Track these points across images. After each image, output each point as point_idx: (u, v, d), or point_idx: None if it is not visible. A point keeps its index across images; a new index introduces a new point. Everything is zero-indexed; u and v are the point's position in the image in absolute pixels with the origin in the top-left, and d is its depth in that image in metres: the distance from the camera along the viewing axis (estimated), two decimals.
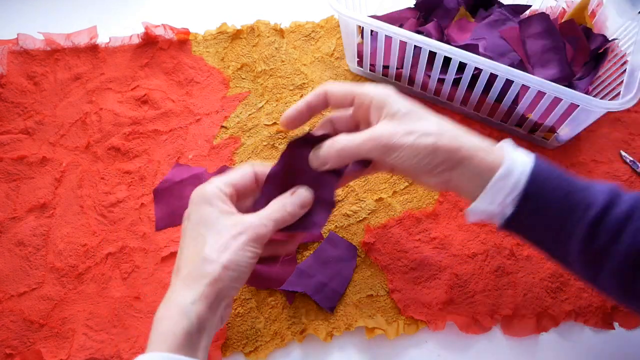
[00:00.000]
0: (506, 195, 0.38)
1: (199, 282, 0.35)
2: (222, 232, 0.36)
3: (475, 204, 0.39)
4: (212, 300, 0.35)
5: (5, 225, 0.51)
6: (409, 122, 0.38)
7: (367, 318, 0.46)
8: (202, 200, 0.38)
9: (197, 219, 0.37)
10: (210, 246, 0.36)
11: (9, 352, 0.45)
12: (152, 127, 0.57)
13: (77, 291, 0.48)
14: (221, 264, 0.35)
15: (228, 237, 0.36)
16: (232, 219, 0.37)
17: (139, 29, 0.63)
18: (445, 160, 0.38)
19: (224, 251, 0.35)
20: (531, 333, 0.46)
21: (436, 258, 0.49)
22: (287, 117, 0.42)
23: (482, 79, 0.51)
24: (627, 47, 0.55)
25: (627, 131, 0.57)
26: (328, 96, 0.41)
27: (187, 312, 0.34)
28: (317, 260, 0.49)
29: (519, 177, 0.37)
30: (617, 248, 0.36)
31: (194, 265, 0.35)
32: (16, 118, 0.57)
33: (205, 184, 0.39)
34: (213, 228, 0.37)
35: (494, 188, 0.38)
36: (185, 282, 0.35)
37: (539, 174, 0.38)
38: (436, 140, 0.37)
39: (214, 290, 0.35)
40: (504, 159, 0.38)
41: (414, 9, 0.64)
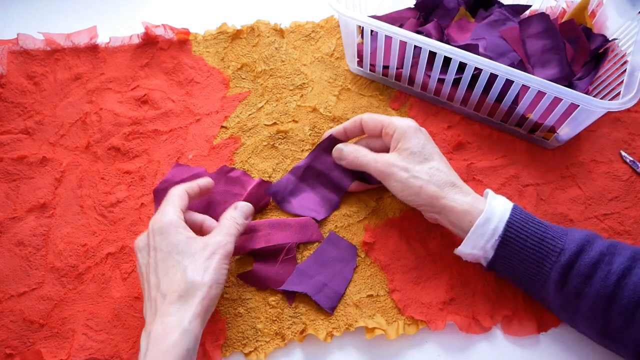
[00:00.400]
0: (486, 241, 0.43)
1: (190, 303, 0.39)
2: (196, 255, 0.41)
3: (460, 248, 0.44)
4: (203, 317, 0.39)
5: (5, 225, 0.51)
6: (410, 162, 0.45)
7: (367, 318, 0.46)
8: (167, 229, 0.41)
9: (167, 248, 0.41)
10: (191, 270, 0.40)
11: (9, 352, 0.45)
12: (152, 127, 0.57)
13: (77, 291, 0.48)
14: (206, 284, 0.39)
15: (203, 260, 0.40)
16: (200, 242, 0.42)
17: (139, 29, 0.63)
18: (428, 204, 0.45)
19: (205, 272, 0.40)
20: (531, 333, 0.46)
21: (436, 258, 0.49)
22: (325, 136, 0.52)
23: (482, 79, 0.51)
24: (627, 47, 0.55)
25: (627, 131, 0.57)
26: (362, 124, 0.50)
27: (186, 331, 0.37)
28: (317, 260, 0.49)
29: (497, 225, 0.43)
30: (587, 291, 0.40)
31: (181, 290, 0.39)
32: (16, 118, 0.57)
33: (161, 214, 0.43)
34: (186, 254, 0.40)
35: (475, 234, 0.43)
36: (176, 305, 0.39)
37: (515, 221, 0.43)
38: (422, 185, 0.44)
39: (204, 307, 0.39)
40: (485, 208, 0.43)
41: (414, 9, 0.64)
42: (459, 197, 0.44)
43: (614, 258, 0.40)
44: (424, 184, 0.44)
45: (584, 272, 0.40)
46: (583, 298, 0.40)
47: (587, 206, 0.52)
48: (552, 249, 0.41)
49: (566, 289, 0.41)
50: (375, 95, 0.60)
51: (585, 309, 0.40)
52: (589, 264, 0.40)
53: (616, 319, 0.39)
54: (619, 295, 0.39)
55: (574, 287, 0.40)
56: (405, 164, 0.45)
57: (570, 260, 0.41)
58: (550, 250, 0.41)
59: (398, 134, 0.46)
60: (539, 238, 0.42)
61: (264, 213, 0.52)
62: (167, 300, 0.39)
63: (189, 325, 0.38)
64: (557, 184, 0.53)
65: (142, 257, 0.42)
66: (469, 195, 0.45)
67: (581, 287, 0.40)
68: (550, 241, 0.42)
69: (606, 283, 0.39)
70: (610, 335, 0.40)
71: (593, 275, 0.40)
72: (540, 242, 0.42)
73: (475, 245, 0.43)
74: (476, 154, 0.55)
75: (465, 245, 0.44)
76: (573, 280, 0.40)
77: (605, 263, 0.40)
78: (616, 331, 0.40)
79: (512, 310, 0.47)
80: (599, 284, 0.39)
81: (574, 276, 0.40)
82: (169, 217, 0.42)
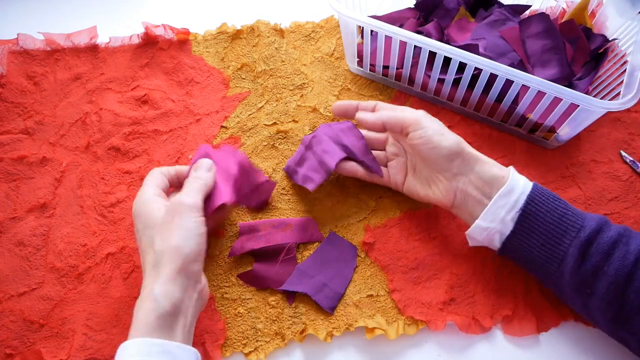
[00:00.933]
0: (507, 212, 0.42)
1: (159, 269, 0.38)
2: (161, 222, 0.40)
3: (478, 221, 0.43)
4: (177, 278, 0.37)
5: (5, 225, 0.51)
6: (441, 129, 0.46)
7: (367, 318, 0.46)
8: (138, 210, 0.42)
9: (141, 227, 0.41)
10: (158, 240, 0.39)
11: (9, 352, 0.45)
12: (152, 127, 0.57)
13: (77, 291, 0.48)
14: (172, 246, 0.38)
15: (167, 224, 0.39)
16: (163, 208, 0.41)
17: (139, 29, 0.63)
18: (463, 160, 0.44)
19: (170, 237, 0.39)
20: (531, 333, 0.46)
21: (436, 258, 0.49)
22: (338, 105, 0.52)
23: (482, 79, 0.51)
24: (627, 47, 0.55)
25: (627, 131, 0.57)
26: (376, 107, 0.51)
27: (156, 297, 0.36)
28: (317, 260, 0.49)
29: (519, 197, 0.42)
30: (607, 269, 0.40)
31: (153, 260, 0.38)
32: (16, 118, 0.57)
33: (137, 197, 0.43)
34: (155, 225, 0.40)
35: (496, 204, 0.42)
36: (150, 276, 0.38)
37: (537, 196, 0.42)
38: (460, 142, 0.45)
39: (175, 269, 0.37)
40: (509, 178, 0.43)
41: (414, 9, 0.64)
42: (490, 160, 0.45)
43: (630, 240, 0.40)
44: (462, 143, 0.45)
45: (604, 250, 0.40)
46: (601, 277, 0.40)
47: (587, 206, 0.52)
48: (572, 224, 0.41)
49: (584, 266, 0.40)
50: (375, 95, 0.60)
51: (602, 289, 0.40)
52: (608, 242, 0.40)
53: (632, 300, 0.39)
54: (636, 275, 0.39)
55: (593, 264, 0.40)
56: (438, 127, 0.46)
57: (590, 236, 0.40)
58: (570, 226, 0.41)
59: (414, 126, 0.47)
60: (560, 213, 0.42)
61: (265, 213, 0.52)
62: (145, 274, 0.39)
63: (159, 290, 0.36)
64: (557, 184, 0.53)
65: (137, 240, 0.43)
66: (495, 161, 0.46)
67: (600, 265, 0.40)
68: (570, 217, 0.42)
69: (625, 262, 0.39)
70: (623, 319, 0.40)
71: (612, 253, 0.40)
72: (560, 217, 0.42)
73: (495, 218, 0.42)
74: None
75: (484, 217, 0.43)
76: (592, 258, 0.40)
77: (623, 243, 0.40)
78: (630, 313, 0.39)
79: (512, 310, 0.47)
80: (618, 262, 0.39)
81: (593, 253, 0.40)
82: (142, 197, 0.42)
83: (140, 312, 0.36)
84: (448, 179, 0.45)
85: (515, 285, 0.48)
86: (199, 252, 0.39)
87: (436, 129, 0.46)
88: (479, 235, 0.44)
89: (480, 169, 0.44)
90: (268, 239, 0.49)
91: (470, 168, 0.44)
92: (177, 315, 0.37)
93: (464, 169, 0.45)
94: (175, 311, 0.37)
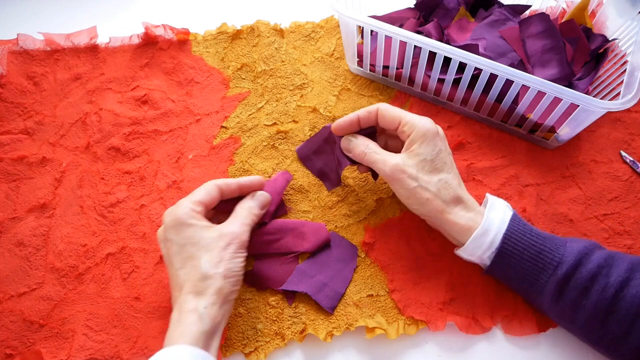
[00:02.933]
0: (483, 252, 0.43)
1: (205, 292, 0.39)
2: (211, 246, 0.41)
3: (459, 252, 0.45)
4: (220, 305, 0.40)
5: (5, 225, 0.51)
6: (420, 170, 0.44)
7: (367, 318, 0.46)
8: (179, 222, 0.42)
9: (181, 240, 0.41)
10: (205, 262, 0.40)
11: (9, 352, 0.45)
12: (152, 127, 0.57)
13: (77, 291, 0.48)
14: (220, 274, 0.40)
15: (218, 250, 0.41)
16: (215, 232, 0.42)
17: (139, 29, 0.63)
18: (431, 216, 0.45)
19: (219, 264, 0.40)
20: (532, 333, 0.46)
21: (436, 258, 0.49)
22: (338, 124, 0.48)
23: (482, 79, 0.51)
24: (627, 47, 0.55)
25: (627, 131, 0.57)
26: (379, 115, 0.47)
27: (201, 315, 0.38)
28: (317, 260, 0.49)
29: (495, 237, 0.43)
30: (585, 303, 0.40)
31: (196, 281, 0.40)
32: (16, 118, 0.57)
33: (175, 207, 0.43)
34: (201, 245, 0.41)
35: (471, 245, 0.43)
36: (192, 294, 0.39)
37: (513, 234, 0.43)
38: (429, 197, 0.44)
39: (220, 296, 0.40)
40: (483, 220, 0.43)
41: (414, 9, 0.64)
42: (462, 213, 0.44)
43: (611, 270, 0.40)
44: (430, 196, 0.44)
45: (581, 285, 0.40)
46: (579, 310, 0.40)
47: (587, 206, 0.52)
48: (549, 262, 0.41)
49: (562, 301, 0.41)
50: (375, 95, 0.60)
51: (581, 321, 0.40)
52: (586, 277, 0.40)
53: (613, 331, 0.39)
54: (617, 307, 0.39)
55: (570, 300, 0.40)
56: (415, 171, 0.44)
57: (567, 273, 0.41)
58: (547, 264, 0.41)
59: (415, 136, 0.44)
60: (536, 250, 0.42)
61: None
62: (184, 290, 0.40)
63: (204, 310, 0.38)
64: (557, 184, 0.53)
65: (162, 248, 0.43)
66: (472, 210, 0.44)
67: (578, 300, 0.40)
68: (547, 254, 0.42)
69: (604, 296, 0.39)
70: (606, 345, 0.40)
71: (590, 288, 0.40)
72: (537, 254, 0.42)
73: (472, 254, 0.44)
74: (476, 154, 0.55)
75: (463, 251, 0.44)
76: (569, 294, 0.40)
77: (602, 275, 0.40)
78: (613, 342, 0.39)
79: (512, 310, 0.47)
80: (596, 297, 0.39)
81: (570, 289, 0.40)
82: (181, 210, 0.42)
83: (185, 324, 0.38)
84: (427, 220, 0.48)
85: None
86: (239, 283, 0.42)
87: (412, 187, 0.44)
88: (465, 258, 0.45)
89: (454, 232, 0.44)
90: (279, 246, 0.49)
91: (441, 224, 0.45)
92: (214, 335, 0.39)
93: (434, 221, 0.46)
94: (214, 331, 0.39)
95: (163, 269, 0.49)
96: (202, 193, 0.44)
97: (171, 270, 0.42)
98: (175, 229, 0.41)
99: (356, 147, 0.47)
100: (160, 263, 0.49)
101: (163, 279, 0.49)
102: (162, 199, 0.53)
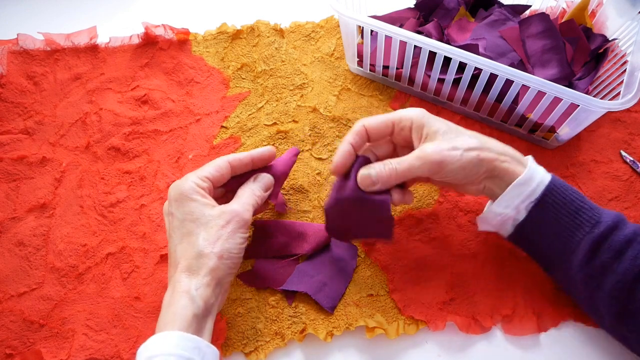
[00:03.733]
0: (523, 200, 0.41)
1: (199, 272, 0.39)
2: (210, 223, 0.40)
3: (492, 206, 0.42)
4: (214, 286, 0.39)
5: (5, 225, 0.51)
6: (450, 140, 0.42)
7: (367, 317, 0.46)
8: (182, 196, 0.41)
9: (182, 215, 0.41)
10: (202, 239, 0.39)
11: (9, 352, 0.45)
12: (152, 127, 0.57)
13: (77, 291, 0.48)
14: (216, 254, 0.39)
15: (217, 228, 0.40)
16: (216, 210, 0.41)
17: (139, 29, 0.63)
18: (488, 170, 0.42)
19: (216, 242, 0.39)
20: (532, 332, 0.46)
21: (436, 258, 0.49)
22: (336, 164, 0.43)
23: (482, 79, 0.51)
24: (627, 47, 0.55)
25: (627, 131, 0.57)
26: (367, 130, 0.43)
27: (193, 297, 0.38)
28: (317, 260, 0.49)
29: (537, 186, 0.41)
30: (617, 267, 0.40)
31: (191, 258, 0.39)
32: (16, 118, 0.57)
33: (181, 180, 0.42)
34: (200, 222, 0.40)
35: (512, 192, 0.41)
36: (186, 273, 0.39)
37: (555, 187, 0.41)
38: (479, 153, 0.41)
39: (214, 277, 0.39)
40: (527, 168, 0.41)
41: (414, 9, 0.64)
42: (509, 151, 0.42)
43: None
44: (479, 152, 0.41)
45: (616, 248, 0.40)
46: (610, 274, 0.40)
47: None
48: (587, 219, 0.41)
49: (593, 262, 0.40)
50: (375, 95, 0.60)
51: (609, 286, 0.40)
52: (622, 240, 0.40)
53: (638, 299, 0.39)
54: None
55: (603, 261, 0.40)
56: (449, 143, 0.41)
57: (605, 233, 0.40)
58: (585, 221, 0.41)
59: (417, 123, 0.42)
60: (576, 207, 0.41)
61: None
62: (179, 267, 0.39)
63: (196, 292, 0.38)
64: None
65: (166, 222, 0.43)
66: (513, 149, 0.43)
67: (610, 263, 0.40)
68: (587, 211, 0.41)
69: (636, 262, 0.39)
70: (627, 316, 0.40)
71: (625, 252, 0.39)
72: (576, 210, 0.41)
73: (509, 205, 0.42)
74: None
75: (499, 203, 0.42)
76: (603, 255, 0.40)
77: (637, 242, 0.40)
78: (634, 311, 0.39)
79: (512, 310, 0.47)
80: (629, 262, 0.39)
81: (605, 250, 0.40)
82: (185, 184, 0.41)
83: (176, 307, 0.37)
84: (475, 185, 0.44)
85: (515, 285, 0.48)
86: (237, 266, 0.41)
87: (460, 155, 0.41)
88: (492, 219, 0.43)
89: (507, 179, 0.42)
90: (280, 248, 0.49)
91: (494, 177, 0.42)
92: (207, 317, 0.39)
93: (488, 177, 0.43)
94: (207, 313, 0.39)
95: (163, 268, 0.49)
96: (210, 168, 0.43)
97: (170, 246, 0.41)
98: (178, 202, 0.41)
99: (381, 172, 0.42)
100: (160, 263, 0.49)
101: (163, 279, 0.49)
102: (162, 199, 0.53)
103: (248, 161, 0.45)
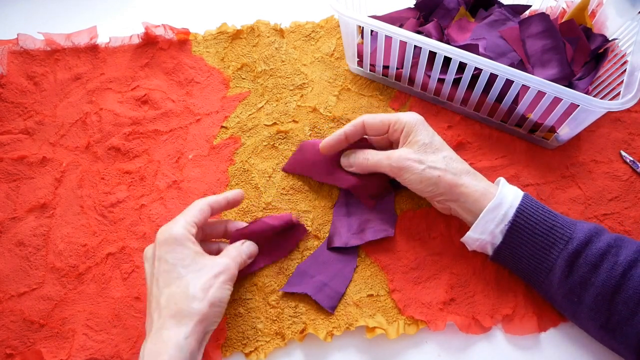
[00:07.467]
0: (496, 226, 0.43)
1: (188, 318, 0.38)
2: (202, 271, 0.40)
3: (469, 233, 0.45)
4: (200, 335, 0.39)
5: (5, 225, 0.51)
6: (423, 153, 0.46)
7: (367, 317, 0.46)
8: (173, 242, 0.41)
9: (173, 260, 0.40)
10: (194, 285, 0.39)
11: (9, 352, 0.45)
12: (152, 127, 0.57)
13: (77, 291, 0.48)
14: (208, 301, 0.39)
15: (209, 277, 0.40)
16: (209, 260, 0.42)
17: (139, 29, 0.63)
18: (446, 192, 0.45)
19: (208, 289, 0.40)
20: (533, 331, 0.46)
21: (436, 258, 0.49)
22: (326, 143, 0.50)
23: (482, 79, 0.51)
24: (627, 47, 0.55)
25: (627, 131, 0.57)
26: (366, 126, 0.48)
27: (182, 348, 0.37)
28: (318, 260, 0.49)
29: (508, 210, 0.43)
30: (595, 280, 0.40)
31: (181, 303, 0.38)
32: (16, 118, 0.57)
33: (171, 225, 0.42)
34: (193, 268, 0.40)
35: (485, 218, 0.43)
36: (175, 319, 0.38)
37: (526, 208, 0.43)
38: (440, 174, 0.44)
39: (202, 326, 0.39)
40: (496, 194, 0.43)
41: (414, 9, 0.64)
42: (475, 182, 0.45)
43: (620, 250, 0.41)
44: (441, 173, 0.45)
45: (591, 262, 0.40)
46: (588, 288, 0.40)
47: (587, 206, 0.52)
48: (560, 236, 0.42)
49: (572, 277, 0.41)
50: (375, 95, 0.60)
51: (589, 299, 0.40)
52: (596, 254, 0.40)
53: (620, 311, 0.39)
54: (625, 286, 0.39)
55: (580, 276, 0.41)
56: (419, 155, 0.45)
57: (578, 248, 0.41)
58: (559, 238, 0.42)
59: (408, 129, 0.46)
60: (548, 225, 0.42)
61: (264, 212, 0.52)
62: (165, 312, 0.38)
63: (185, 341, 0.37)
64: (557, 184, 0.53)
65: (148, 267, 0.42)
66: (482, 181, 0.45)
67: (587, 276, 0.40)
68: (559, 229, 0.42)
69: (612, 274, 0.40)
70: (612, 328, 0.40)
71: (600, 265, 0.40)
72: (549, 229, 0.42)
73: (484, 230, 0.44)
74: (476, 154, 0.55)
75: (474, 229, 0.44)
76: (580, 269, 0.41)
77: (612, 254, 0.41)
78: (619, 323, 0.40)
79: (513, 309, 0.47)
80: (605, 274, 0.40)
81: (580, 265, 0.41)
82: (178, 230, 0.41)
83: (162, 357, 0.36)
84: (437, 202, 0.48)
85: (515, 285, 0.48)
86: (220, 318, 0.41)
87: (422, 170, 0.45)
88: (472, 244, 0.46)
89: (469, 204, 0.44)
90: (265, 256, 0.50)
91: (455, 200, 0.45)
92: None
93: (448, 200, 0.46)
94: None
95: None
96: (196, 213, 0.43)
97: (154, 290, 0.40)
98: (169, 247, 0.40)
99: (356, 158, 0.49)
100: None
101: None
102: (162, 199, 0.53)
103: (225, 203, 0.46)
